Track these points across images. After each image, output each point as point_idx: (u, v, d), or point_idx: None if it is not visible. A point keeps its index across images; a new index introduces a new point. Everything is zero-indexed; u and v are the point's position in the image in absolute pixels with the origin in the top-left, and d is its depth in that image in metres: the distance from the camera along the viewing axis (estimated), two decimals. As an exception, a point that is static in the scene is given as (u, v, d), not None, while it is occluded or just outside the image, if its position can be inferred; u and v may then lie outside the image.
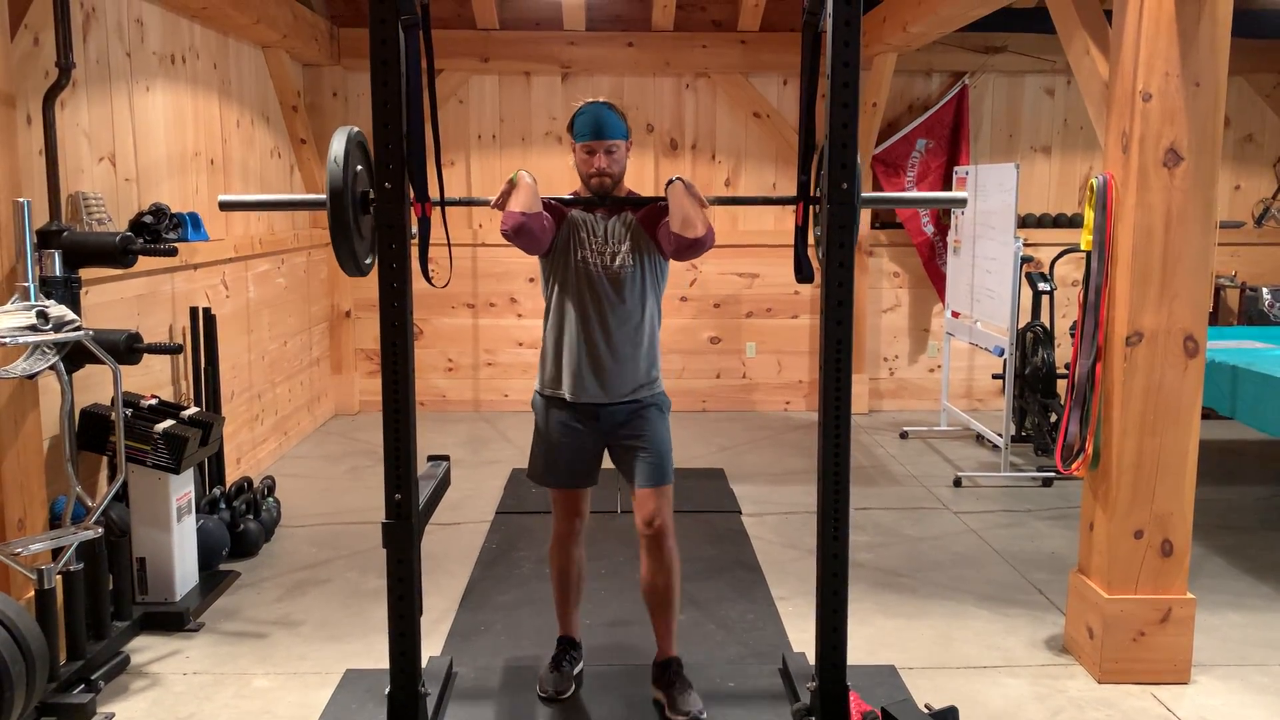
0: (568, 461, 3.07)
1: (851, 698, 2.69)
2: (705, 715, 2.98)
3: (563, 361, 3.00)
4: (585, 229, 2.97)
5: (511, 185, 2.85)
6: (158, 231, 4.23)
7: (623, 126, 2.95)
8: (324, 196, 2.53)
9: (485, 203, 2.91)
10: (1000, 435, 5.73)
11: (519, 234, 2.80)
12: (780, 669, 3.31)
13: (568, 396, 3.00)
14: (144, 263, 4.00)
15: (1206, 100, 3.06)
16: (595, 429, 3.04)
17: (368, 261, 2.71)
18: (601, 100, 2.98)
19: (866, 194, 2.65)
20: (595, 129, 2.90)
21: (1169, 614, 3.23)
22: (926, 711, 2.55)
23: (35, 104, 3.49)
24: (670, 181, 2.89)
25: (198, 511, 4.03)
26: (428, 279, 2.73)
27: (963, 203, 3.02)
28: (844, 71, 2.45)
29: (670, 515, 3.01)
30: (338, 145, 2.52)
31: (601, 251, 2.95)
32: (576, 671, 3.24)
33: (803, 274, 2.90)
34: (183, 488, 3.79)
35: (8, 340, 2.91)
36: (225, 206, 2.89)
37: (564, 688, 3.14)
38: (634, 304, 2.98)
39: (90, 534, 3.14)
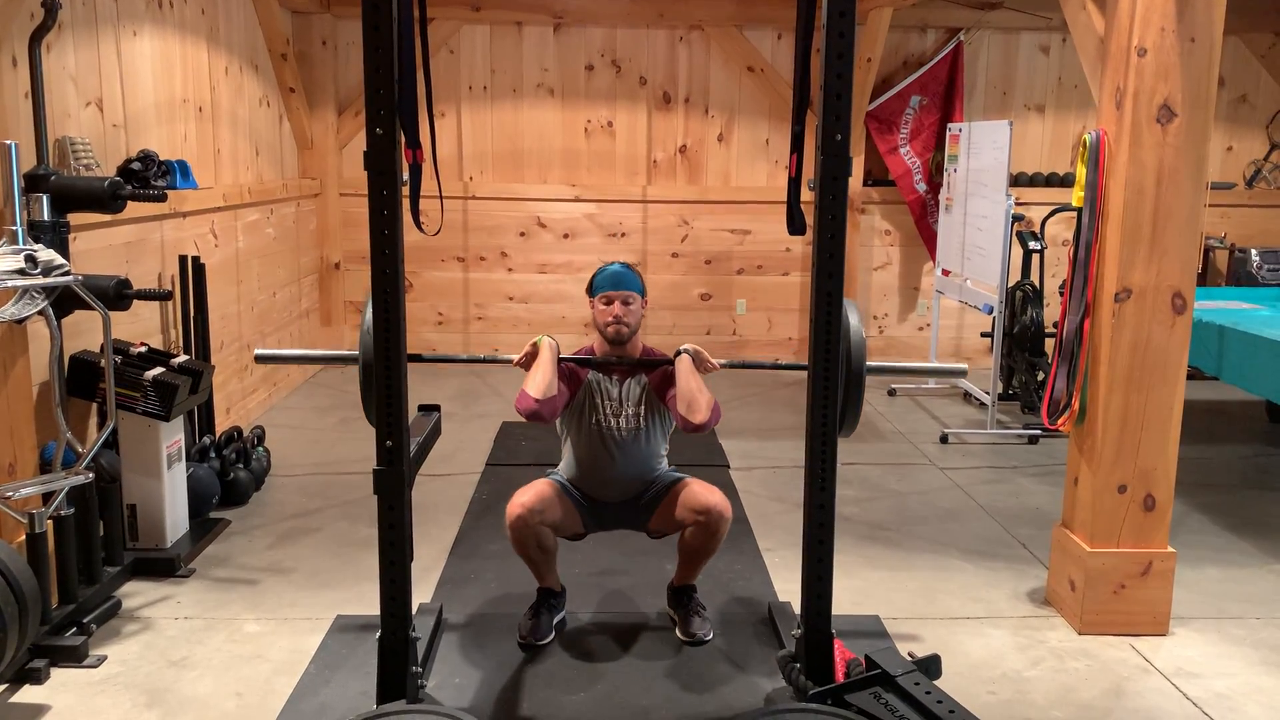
0: (579, 496, 3.25)
1: (836, 645, 2.74)
2: (710, 639, 3.20)
3: (581, 479, 3.24)
4: (600, 393, 3.18)
5: (534, 350, 3.06)
6: (146, 178, 4.20)
7: (639, 284, 3.18)
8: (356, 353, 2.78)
9: (499, 360, 3.20)
10: (987, 393, 5.77)
11: (533, 419, 2.99)
12: (766, 617, 3.36)
13: (587, 494, 3.26)
14: (133, 210, 3.98)
15: (1201, 57, 3.05)
16: (609, 511, 3.26)
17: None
18: (621, 261, 3.26)
19: (871, 363, 2.83)
20: (614, 282, 3.14)
21: (1149, 567, 3.28)
22: (909, 659, 2.59)
23: (21, 46, 3.45)
24: (678, 353, 3.07)
25: (188, 459, 4.04)
26: (419, 226, 2.72)
27: (963, 372, 3.21)
28: (839, 21, 2.43)
29: (717, 494, 3.14)
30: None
31: (616, 414, 3.17)
32: (557, 620, 3.29)
33: (795, 225, 2.90)
34: (173, 435, 3.79)
35: (-4, 284, 2.90)
36: (261, 360, 3.10)
37: (542, 635, 3.19)
38: (644, 451, 3.20)
39: (80, 479, 3.15)
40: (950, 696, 2.42)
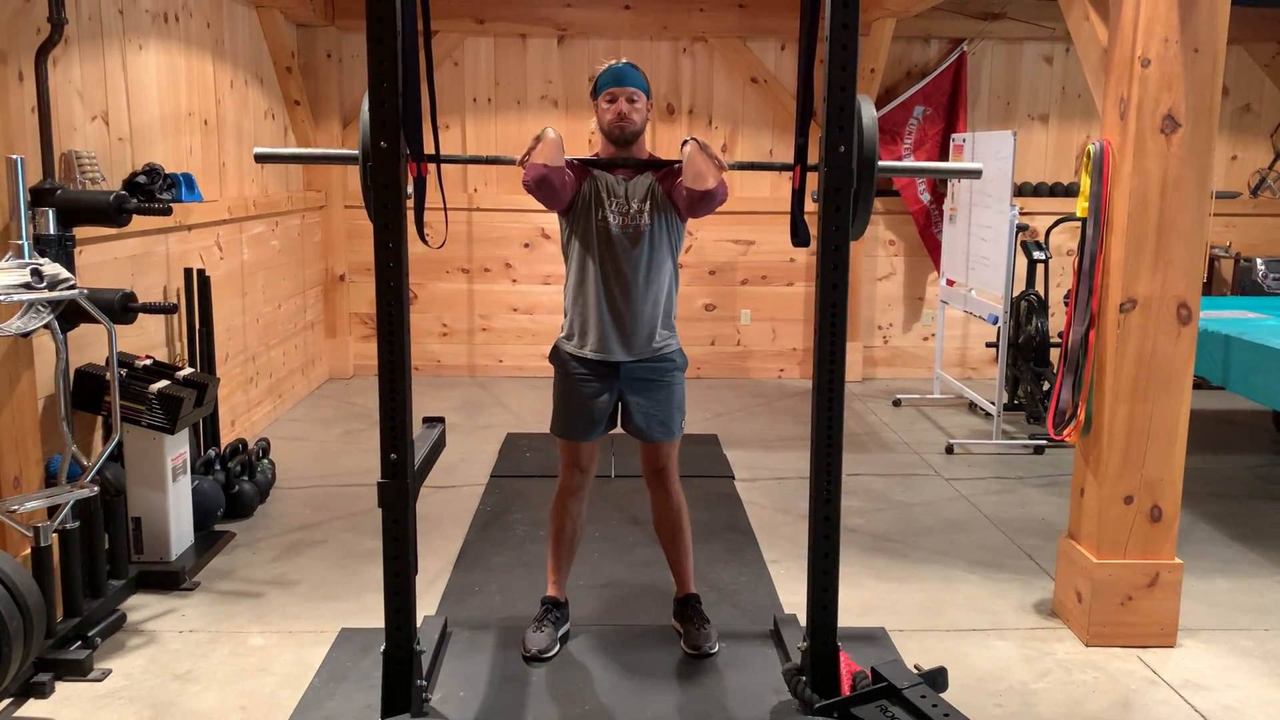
0: (586, 413, 3.15)
1: (842, 658, 2.72)
2: (716, 650, 3.20)
3: (583, 317, 3.11)
4: (606, 188, 3.07)
5: (537, 140, 2.98)
6: (151, 191, 4.21)
7: (644, 82, 3.09)
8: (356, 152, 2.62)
9: (503, 160, 3.06)
10: (993, 403, 5.76)
11: (540, 186, 2.90)
12: (772, 630, 3.35)
13: (589, 355, 3.11)
14: (138, 223, 3.99)
15: (1205, 67, 3.05)
16: (613, 383, 3.14)
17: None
18: (625, 60, 3.11)
19: (883, 163, 2.68)
20: (618, 78, 3.03)
21: (1157, 579, 3.27)
22: (916, 672, 2.58)
23: (28, 61, 3.47)
24: (685, 141, 2.99)
25: (193, 472, 4.04)
26: (423, 239, 2.73)
27: (977, 174, 3.03)
28: (843, 33, 2.44)
29: (675, 461, 3.20)
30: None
31: (622, 211, 3.05)
32: (562, 632, 3.28)
33: (799, 237, 2.91)
34: (178, 448, 3.80)
35: (2, 298, 2.91)
36: (261, 159, 2.94)
37: (546, 647, 3.18)
38: (652, 261, 3.07)
39: (86, 493, 3.15)
40: (956, 709, 2.41)
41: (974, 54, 7.07)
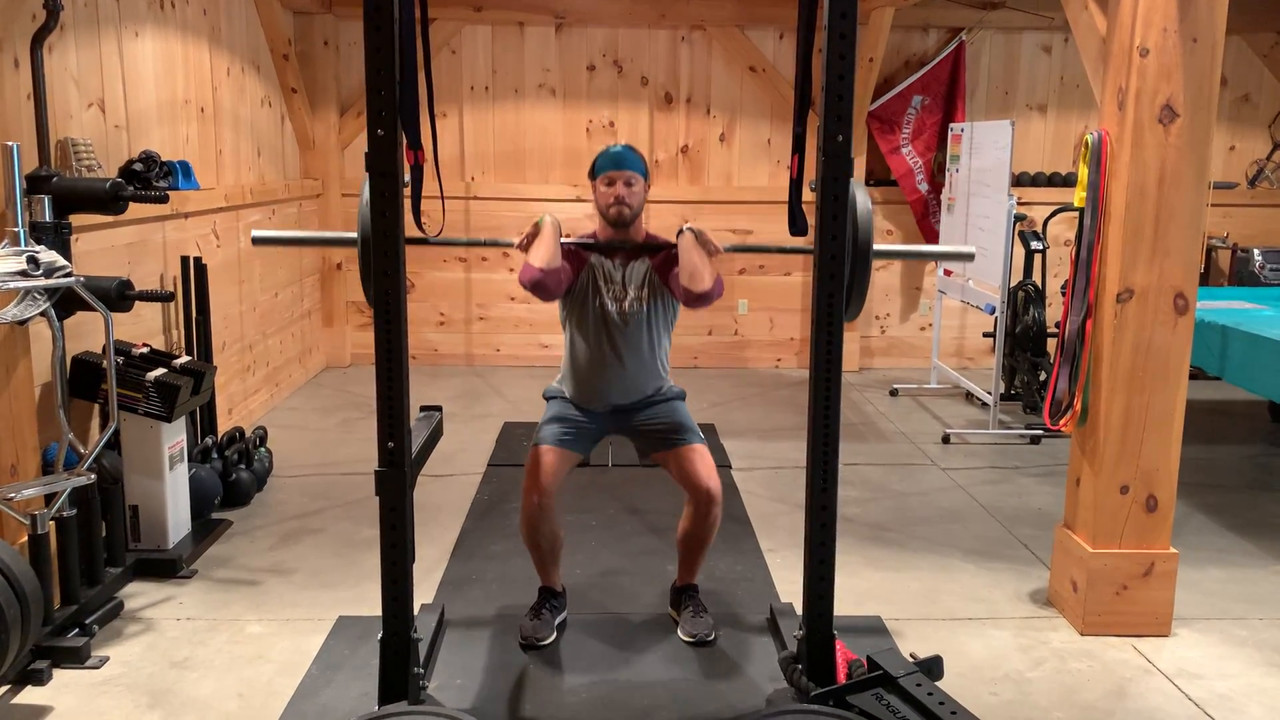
0: (573, 426, 3.20)
1: (838, 647, 2.73)
2: (712, 638, 3.20)
3: (578, 385, 3.21)
4: (603, 275, 3.13)
5: (536, 230, 3.00)
6: (148, 179, 4.20)
7: (642, 165, 3.12)
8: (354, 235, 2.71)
9: (500, 244, 3.15)
10: (989, 393, 5.77)
11: (535, 289, 2.95)
12: (768, 619, 3.36)
13: (585, 405, 3.22)
14: (134, 211, 3.98)
15: (1203, 57, 3.05)
16: (609, 419, 3.23)
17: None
18: (623, 143, 3.22)
19: (878, 246, 2.78)
20: (616, 162, 3.08)
21: (1152, 568, 3.28)
22: (911, 660, 2.59)
23: (23, 47, 3.45)
24: (681, 231, 3.02)
25: (190, 460, 4.04)
26: (420, 228, 2.72)
27: (970, 257, 3.13)
28: (841, 22, 2.43)
29: (717, 478, 3.14)
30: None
31: (619, 297, 3.12)
32: (559, 620, 3.29)
33: (797, 227, 2.90)
34: (175, 436, 3.79)
35: (-2, 285, 2.90)
36: (258, 242, 3.02)
37: (543, 635, 3.19)
38: (647, 340, 3.16)
39: (83, 480, 3.15)
40: (952, 698, 2.41)
41: (972, 43, 7.06)
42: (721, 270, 3.00)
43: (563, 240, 3.03)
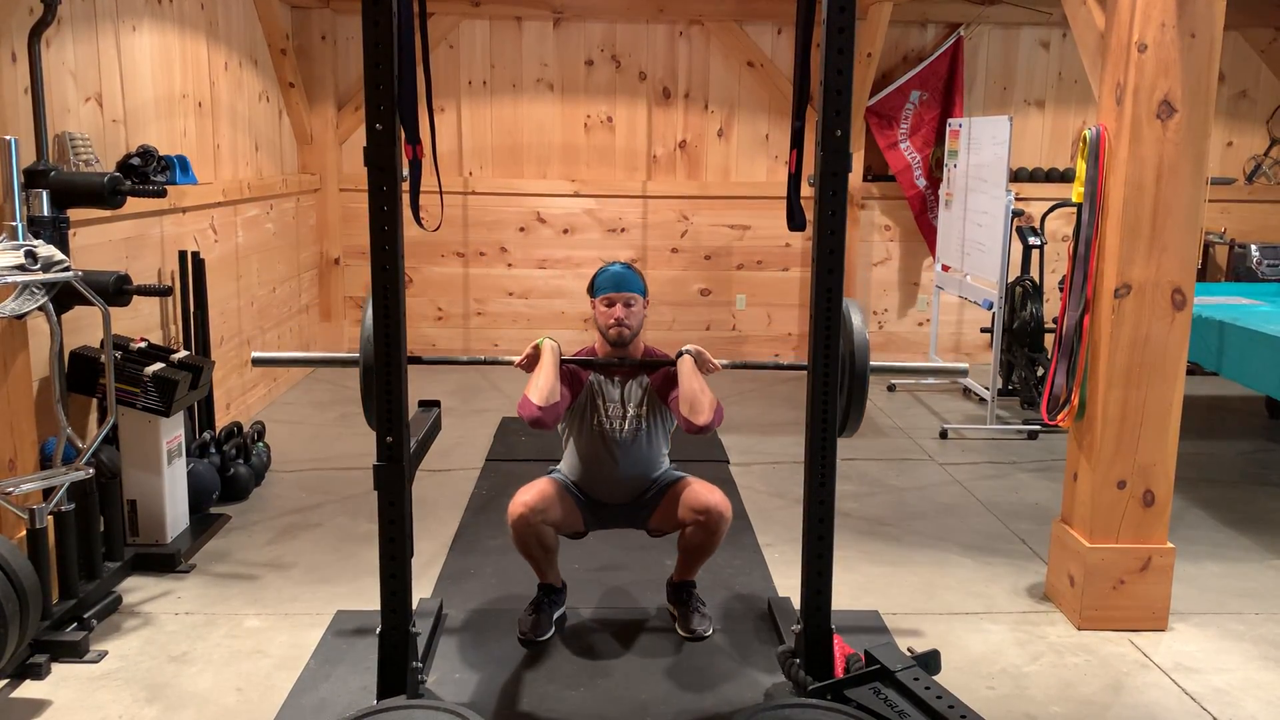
0: (580, 494, 3.24)
1: (835, 641, 2.74)
2: (710, 633, 3.21)
3: (580, 482, 3.23)
4: (602, 395, 3.16)
5: (536, 352, 3.03)
6: (146, 174, 4.20)
7: (641, 285, 3.15)
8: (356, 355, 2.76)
9: (500, 362, 3.15)
10: (987, 389, 5.77)
11: (535, 426, 2.94)
12: (766, 613, 3.36)
13: (587, 495, 3.25)
14: (132, 205, 3.97)
15: (1201, 52, 3.05)
16: (608, 509, 3.25)
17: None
18: (622, 261, 3.22)
19: (874, 363, 2.81)
20: (615, 283, 3.10)
21: (1149, 563, 3.29)
22: (909, 655, 2.59)
23: (21, 41, 3.44)
24: (680, 354, 3.05)
25: (188, 455, 4.04)
26: (419, 222, 2.72)
27: (963, 372, 3.21)
28: (839, 17, 2.43)
29: (724, 496, 3.13)
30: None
31: (617, 415, 3.15)
32: (557, 615, 3.29)
33: (795, 222, 2.90)
34: (173, 431, 3.79)
35: (-4, 280, 2.90)
36: (259, 363, 3.08)
37: (542, 631, 3.19)
38: (645, 451, 3.19)
39: (81, 475, 3.15)
40: (949, 692, 2.42)
41: (970, 39, 7.06)
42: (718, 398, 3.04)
43: (562, 359, 3.06)
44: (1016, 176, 7.03)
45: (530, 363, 3.05)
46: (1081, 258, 3.28)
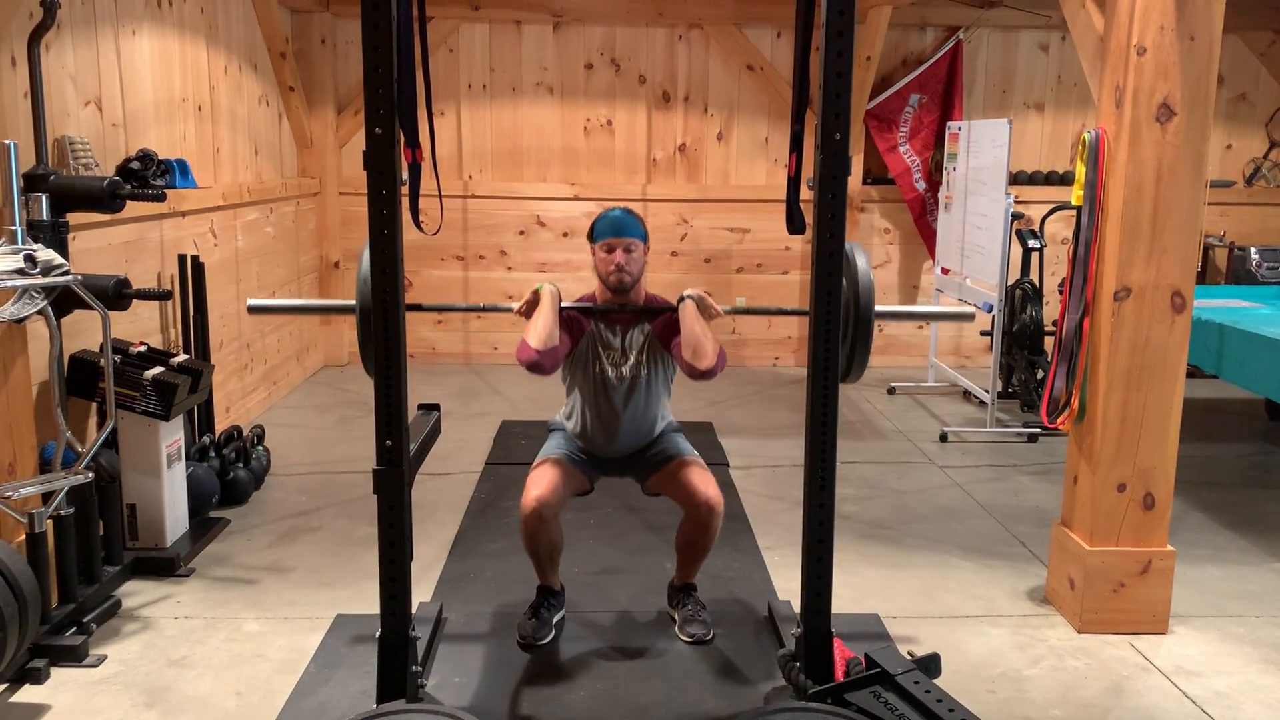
0: (580, 454, 3.23)
1: (835, 644, 2.74)
2: (710, 636, 3.19)
3: (581, 433, 3.22)
4: (602, 341, 3.13)
5: (536, 298, 3.00)
6: (145, 178, 4.20)
7: (641, 229, 3.11)
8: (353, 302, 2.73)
9: (499, 309, 3.16)
10: (987, 391, 5.77)
11: (533, 370, 2.95)
12: (766, 616, 3.36)
13: (587, 449, 3.24)
14: (132, 209, 3.97)
15: (1201, 55, 3.05)
16: (609, 462, 3.26)
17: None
18: (622, 206, 3.16)
19: (879, 307, 2.83)
20: (615, 228, 3.06)
21: (1149, 566, 3.28)
22: (909, 658, 2.59)
23: (20, 45, 3.44)
24: (681, 299, 3.02)
25: (187, 459, 4.04)
26: (418, 226, 2.72)
27: (970, 317, 3.26)
28: (839, 20, 2.43)
29: (716, 492, 3.10)
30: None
31: (618, 363, 3.12)
32: (557, 619, 3.29)
33: (794, 225, 2.90)
34: (172, 435, 3.79)
35: (-5, 284, 2.90)
36: (254, 310, 3.02)
37: (542, 634, 3.19)
38: (646, 400, 3.17)
39: (80, 479, 3.15)
40: (950, 695, 2.42)
41: (970, 42, 7.06)
42: (720, 339, 3.01)
43: (562, 305, 3.04)
44: (1016, 179, 7.03)
45: (530, 309, 3.03)
46: (1081, 260, 3.28)
